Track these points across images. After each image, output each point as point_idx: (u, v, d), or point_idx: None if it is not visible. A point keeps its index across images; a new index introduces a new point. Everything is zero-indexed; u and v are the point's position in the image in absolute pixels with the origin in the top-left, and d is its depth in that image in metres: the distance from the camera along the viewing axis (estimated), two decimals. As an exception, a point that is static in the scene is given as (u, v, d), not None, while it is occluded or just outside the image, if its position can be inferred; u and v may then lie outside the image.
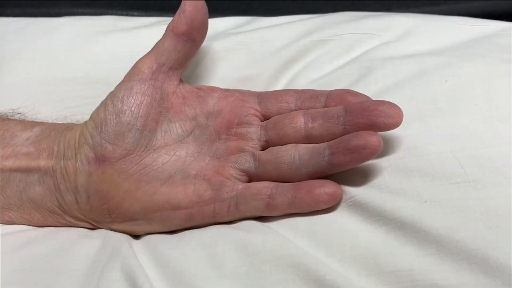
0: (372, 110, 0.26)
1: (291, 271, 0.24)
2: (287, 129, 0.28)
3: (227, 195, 0.28)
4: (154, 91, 0.29)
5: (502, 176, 0.25)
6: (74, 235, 0.28)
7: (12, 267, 0.26)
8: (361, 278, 0.24)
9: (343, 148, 0.26)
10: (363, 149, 0.25)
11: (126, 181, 0.28)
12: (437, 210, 0.24)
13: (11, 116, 0.33)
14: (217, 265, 0.25)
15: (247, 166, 0.28)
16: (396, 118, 0.26)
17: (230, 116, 0.29)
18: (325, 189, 0.26)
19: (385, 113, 0.26)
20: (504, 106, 0.27)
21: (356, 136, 0.25)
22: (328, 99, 0.28)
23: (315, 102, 0.29)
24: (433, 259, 0.23)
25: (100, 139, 0.28)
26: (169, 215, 0.28)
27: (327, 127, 0.27)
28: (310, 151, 0.27)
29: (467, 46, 0.31)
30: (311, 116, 0.28)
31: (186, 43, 0.29)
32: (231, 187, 0.28)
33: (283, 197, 0.27)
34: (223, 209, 0.28)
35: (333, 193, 0.26)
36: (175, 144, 0.29)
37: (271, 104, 0.29)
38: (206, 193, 0.28)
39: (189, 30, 0.29)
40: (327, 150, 0.26)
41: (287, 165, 0.27)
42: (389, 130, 0.26)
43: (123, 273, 0.25)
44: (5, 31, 0.41)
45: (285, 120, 0.28)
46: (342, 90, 0.28)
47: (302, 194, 0.26)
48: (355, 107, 0.26)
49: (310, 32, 0.34)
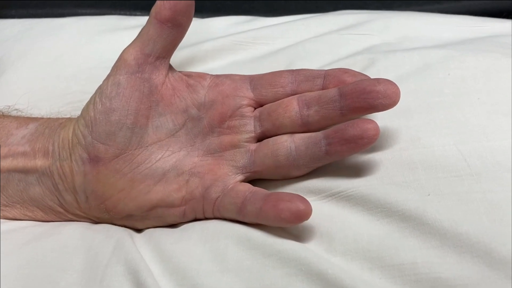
0: (368, 92, 0.25)
1: (294, 265, 0.24)
2: (282, 119, 0.27)
3: (214, 195, 0.27)
4: (142, 85, 0.27)
5: (504, 169, 0.25)
6: (77, 229, 0.28)
7: (19, 262, 0.26)
8: (364, 272, 0.24)
9: (339, 138, 0.25)
10: (360, 138, 0.25)
11: (120, 180, 0.28)
12: (440, 203, 0.24)
13: (7, 112, 0.32)
14: (219, 259, 0.25)
15: (242, 163, 0.28)
16: (393, 97, 0.25)
17: (223, 108, 0.28)
18: (289, 205, 0.25)
19: (382, 93, 0.25)
20: (506, 99, 0.27)
21: (352, 125, 0.25)
22: (326, 81, 0.27)
23: (312, 84, 0.27)
24: (436, 252, 0.23)
25: (92, 140, 0.27)
26: (164, 212, 0.28)
27: (324, 113, 0.26)
28: (306, 142, 0.26)
29: (469, 42, 0.31)
30: (306, 102, 0.27)
31: (171, 30, 0.27)
32: (220, 187, 0.27)
33: (252, 206, 0.26)
34: (209, 209, 0.28)
35: (296, 212, 0.24)
36: (167, 139, 0.28)
37: (265, 90, 0.28)
38: (197, 190, 0.28)
39: (173, 15, 0.26)
40: (323, 140, 0.26)
41: (284, 157, 0.27)
42: (387, 109, 0.25)
43: (127, 267, 0.25)
44: (11, 32, 0.41)
45: (279, 109, 0.27)
46: (340, 70, 0.27)
47: (267, 207, 0.25)
48: (350, 90, 0.25)
49: (310, 31, 0.35)
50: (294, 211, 0.24)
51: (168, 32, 0.27)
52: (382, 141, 0.27)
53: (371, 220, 0.25)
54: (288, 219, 0.25)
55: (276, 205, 0.25)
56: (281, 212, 0.25)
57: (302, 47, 0.34)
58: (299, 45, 0.34)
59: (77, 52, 0.38)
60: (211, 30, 0.38)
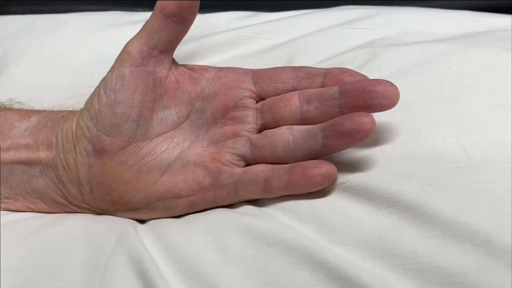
0: (368, 91, 0.25)
1: (296, 254, 0.24)
2: (282, 113, 0.28)
3: (225, 182, 0.28)
4: (146, 78, 0.28)
5: (503, 161, 0.25)
6: (81, 220, 0.29)
7: (22, 253, 0.26)
8: (366, 261, 0.24)
9: (336, 131, 0.26)
10: (356, 132, 0.25)
11: (126, 172, 0.28)
12: (441, 194, 0.24)
13: (10, 105, 0.33)
14: (223, 249, 0.26)
15: (243, 151, 0.28)
16: (392, 98, 0.25)
17: (226, 99, 0.29)
18: (319, 171, 0.26)
19: (381, 94, 0.25)
20: (506, 93, 0.27)
21: (348, 119, 0.25)
22: (325, 79, 0.28)
23: (312, 82, 0.28)
24: (437, 241, 0.23)
25: (97, 132, 0.27)
26: (171, 203, 0.28)
27: (323, 110, 0.27)
28: (304, 134, 0.27)
29: (469, 36, 0.32)
30: (307, 98, 0.27)
31: (176, 24, 0.27)
32: (229, 173, 0.28)
33: (278, 181, 0.27)
34: (222, 195, 0.28)
35: (327, 174, 0.26)
36: (172, 131, 0.29)
37: (266, 84, 0.29)
38: (205, 180, 0.28)
39: (178, 10, 0.27)
40: (320, 133, 0.26)
41: (282, 149, 0.27)
42: (385, 110, 0.26)
43: (130, 257, 0.25)
44: (13, 28, 0.41)
45: (280, 103, 0.28)
46: (340, 70, 0.28)
47: (297, 177, 0.26)
48: (350, 88, 0.26)
49: (311, 25, 0.35)
50: (326, 174, 0.26)
51: (173, 26, 0.27)
52: (384, 134, 0.27)
53: (373, 211, 0.25)
54: (321, 183, 0.26)
55: (306, 173, 0.26)
56: (313, 179, 0.26)
57: (304, 41, 0.34)
58: (301, 39, 0.34)
59: (79, 47, 0.39)
60: (213, 25, 0.38)
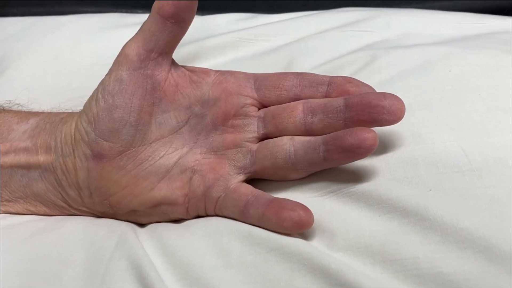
0: (373, 106, 0.25)
1: (297, 259, 0.24)
2: (286, 124, 0.27)
3: (216, 194, 0.28)
4: (145, 82, 0.27)
5: (504, 165, 0.25)
6: (81, 223, 0.29)
7: (22, 257, 0.26)
8: (367, 267, 0.24)
9: (337, 146, 0.25)
10: (357, 148, 0.25)
11: (124, 177, 0.28)
12: (442, 199, 0.24)
13: (8, 107, 0.32)
14: (223, 254, 0.25)
15: (243, 162, 0.28)
16: (398, 114, 0.25)
17: (227, 106, 0.28)
18: (291, 214, 0.25)
19: (387, 109, 0.25)
20: (507, 96, 0.27)
21: (351, 134, 0.25)
22: (329, 89, 0.27)
23: (316, 90, 0.27)
24: (438, 247, 0.23)
25: (95, 137, 0.27)
26: (167, 209, 0.28)
27: (328, 122, 0.26)
28: (305, 146, 0.26)
29: (470, 39, 0.32)
30: (311, 110, 0.27)
31: (174, 26, 0.26)
32: (222, 186, 0.28)
33: (255, 210, 0.26)
34: (210, 207, 0.28)
35: (299, 221, 0.25)
36: (170, 136, 0.28)
37: (269, 92, 0.28)
38: (199, 189, 0.28)
39: (176, 11, 0.26)
40: (322, 146, 0.26)
41: (282, 160, 0.27)
42: (390, 125, 0.25)
43: (130, 262, 0.25)
44: (12, 30, 0.41)
45: (284, 114, 0.27)
46: (344, 79, 0.27)
47: (270, 214, 0.26)
48: (356, 102, 0.26)
49: (311, 28, 0.35)
50: (296, 220, 0.25)
51: (171, 28, 0.27)
52: (384, 138, 0.27)
53: (373, 216, 0.25)
54: (290, 228, 0.25)
55: (279, 212, 0.25)
56: (284, 221, 0.25)
57: (304, 44, 0.34)
58: (301, 42, 0.34)
59: (78, 49, 0.39)
60: (213, 27, 0.38)
